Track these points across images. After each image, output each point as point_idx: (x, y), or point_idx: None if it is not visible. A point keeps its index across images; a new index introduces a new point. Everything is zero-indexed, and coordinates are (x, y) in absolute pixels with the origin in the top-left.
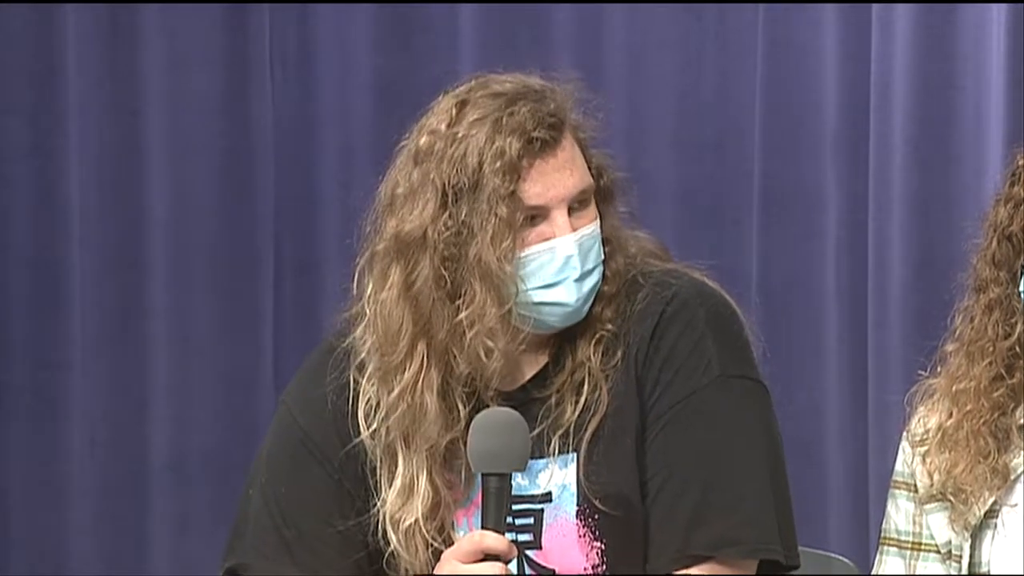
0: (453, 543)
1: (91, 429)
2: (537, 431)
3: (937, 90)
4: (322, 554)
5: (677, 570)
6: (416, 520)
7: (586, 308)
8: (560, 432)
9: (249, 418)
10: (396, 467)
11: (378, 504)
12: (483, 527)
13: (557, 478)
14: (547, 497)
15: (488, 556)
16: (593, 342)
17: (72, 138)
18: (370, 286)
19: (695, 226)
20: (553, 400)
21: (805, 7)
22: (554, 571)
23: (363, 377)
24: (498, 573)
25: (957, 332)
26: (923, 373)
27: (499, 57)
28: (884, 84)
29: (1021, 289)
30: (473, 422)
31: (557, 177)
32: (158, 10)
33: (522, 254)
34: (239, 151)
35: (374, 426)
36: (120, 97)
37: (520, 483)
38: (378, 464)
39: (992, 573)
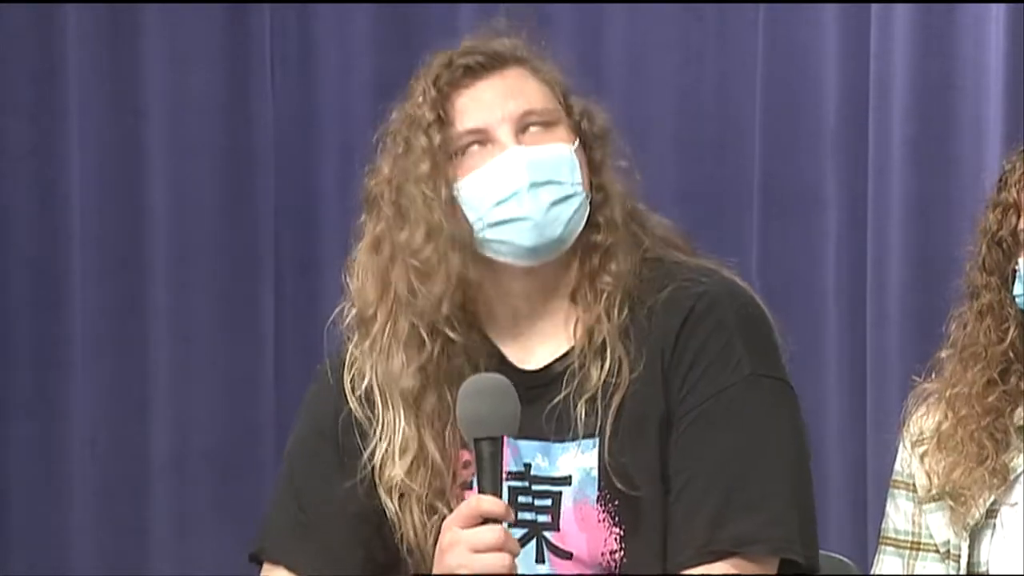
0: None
1: (91, 429)
2: (562, 395)
3: (936, 90)
4: (336, 537)
5: (699, 564)
6: (402, 480)
7: (561, 226)
8: (586, 397)
9: (249, 418)
10: (380, 425)
11: (366, 464)
12: (480, 492)
13: (578, 462)
14: (567, 480)
15: (487, 520)
16: (603, 299)
17: (72, 138)
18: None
19: (695, 226)
20: (576, 364)
21: (805, 7)
22: (571, 554)
23: (353, 346)
24: (497, 536)
25: (951, 338)
26: (918, 379)
27: None
28: (883, 84)
29: (1015, 294)
30: (460, 389)
31: (493, 99)
32: (158, 10)
33: (467, 178)
34: (239, 151)
35: (359, 391)
36: (121, 97)
37: (540, 464)
38: (367, 427)
39: (991, 573)
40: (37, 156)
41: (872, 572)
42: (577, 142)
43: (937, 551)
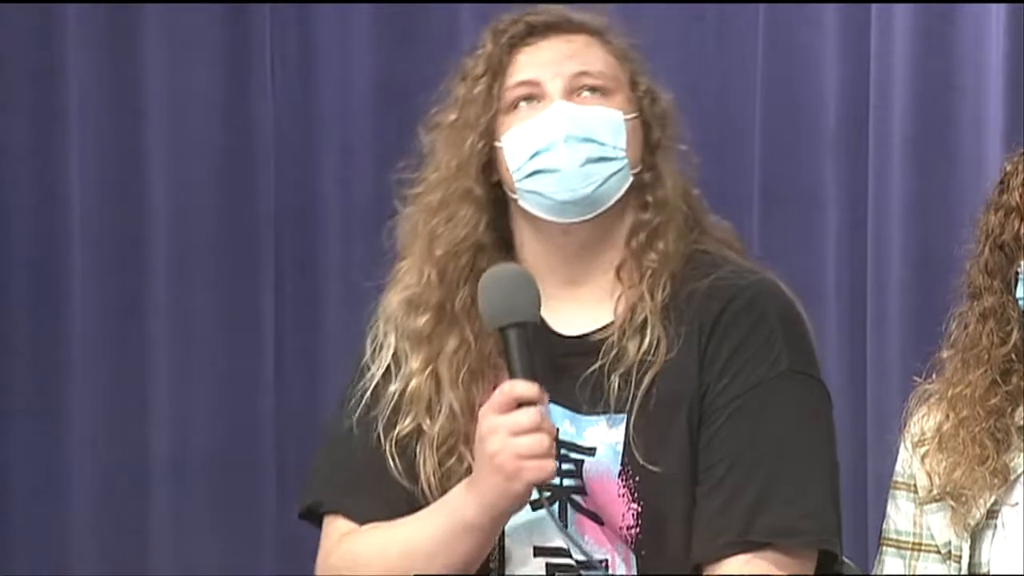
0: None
1: (91, 429)
2: (597, 366)
3: (936, 90)
4: (385, 481)
5: (736, 554)
6: (419, 424)
7: (592, 185)
8: (620, 371)
9: (250, 417)
10: (400, 369)
11: (384, 409)
12: (512, 378)
13: (606, 436)
14: (591, 451)
15: (521, 404)
16: (647, 278)
17: (73, 137)
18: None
19: None
20: (615, 338)
21: (805, 7)
22: (598, 515)
23: (387, 293)
24: (534, 418)
25: (952, 338)
26: (918, 379)
27: None
28: (884, 84)
29: (1017, 296)
30: (480, 281)
31: (551, 57)
32: (158, 10)
33: (513, 130)
34: (240, 150)
35: (384, 338)
36: (120, 97)
37: (567, 430)
38: (387, 373)
39: (992, 573)
40: (37, 156)
41: (873, 573)
42: (634, 116)
43: (938, 552)
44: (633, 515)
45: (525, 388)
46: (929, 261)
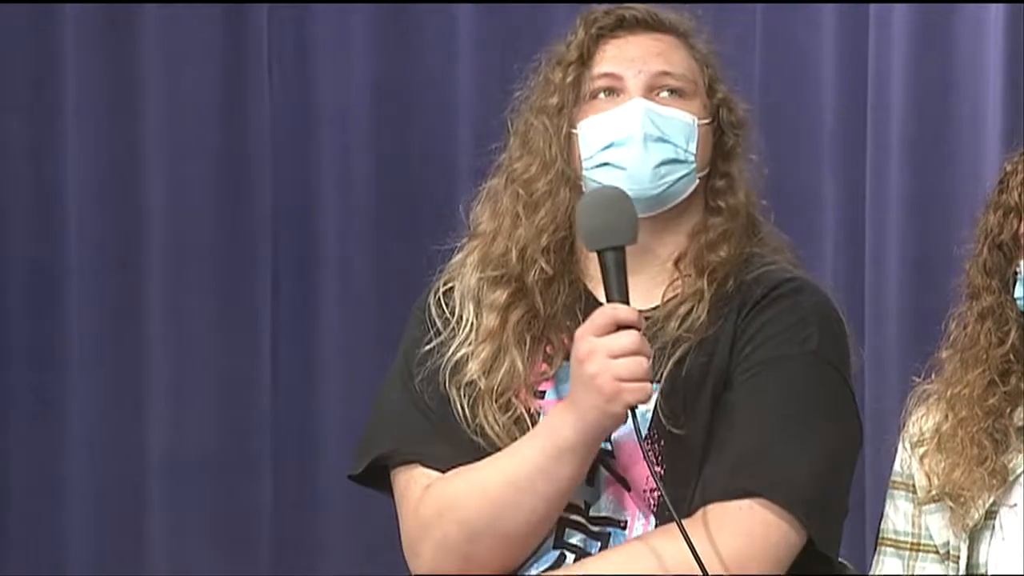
0: (522, 417)
1: (88, 430)
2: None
3: (934, 90)
4: (458, 428)
5: (714, 503)
6: (479, 376)
7: (660, 187)
8: (657, 346)
9: (246, 418)
10: (462, 325)
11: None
12: (608, 300)
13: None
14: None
15: (620, 327)
16: (705, 275)
17: (70, 138)
18: None
19: None
20: (659, 315)
21: (803, 7)
22: (626, 479)
23: (456, 257)
24: (634, 341)
25: (951, 338)
26: (917, 379)
27: (497, 57)
28: (882, 83)
29: (1015, 296)
30: (580, 202)
31: (636, 53)
32: (156, 10)
33: (590, 119)
34: (237, 151)
35: (447, 298)
36: (118, 97)
37: None
38: (446, 328)
39: (990, 574)
40: (35, 156)
41: (871, 573)
42: (709, 121)
43: (937, 552)
44: (656, 477)
45: (626, 312)
46: (927, 260)
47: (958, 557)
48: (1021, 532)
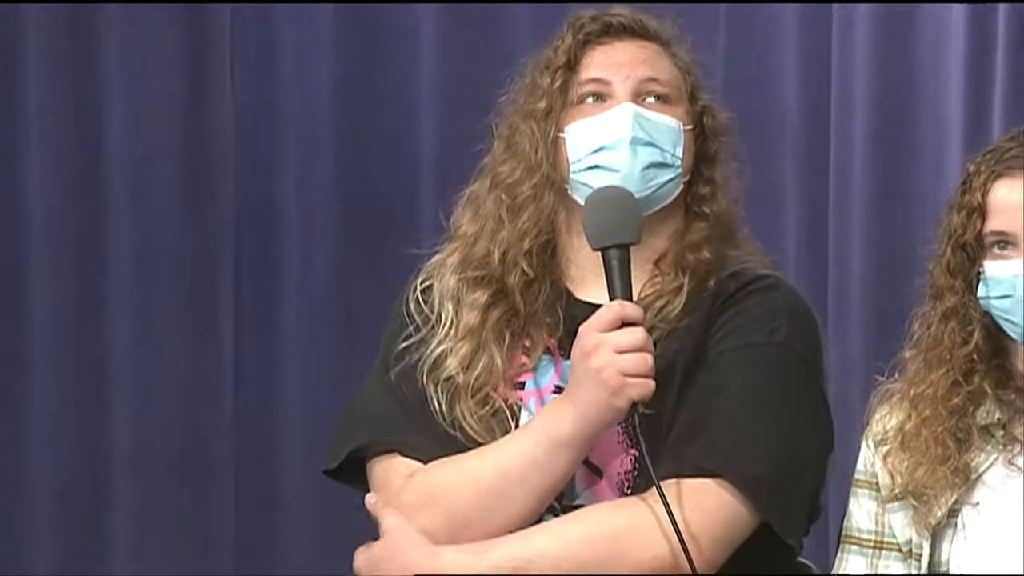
0: (498, 409)
1: (52, 428)
2: None
3: (897, 90)
4: (436, 421)
5: (672, 478)
6: (457, 372)
7: (649, 189)
8: None
9: (209, 418)
10: (441, 323)
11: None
12: (612, 298)
13: None
14: None
15: (625, 324)
16: (686, 275)
17: (33, 138)
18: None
19: None
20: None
21: (766, 7)
22: (599, 468)
23: (436, 257)
24: (639, 337)
25: (915, 338)
26: (881, 378)
27: (460, 58)
28: (845, 83)
29: (979, 296)
30: (586, 200)
31: (624, 59)
32: (118, 11)
33: (577, 124)
34: (199, 152)
35: (425, 295)
36: (81, 98)
37: None
38: (425, 325)
39: (951, 572)
40: None
41: (835, 571)
42: (692, 127)
43: (900, 550)
44: (631, 460)
45: (632, 309)
46: (890, 260)
47: (920, 555)
48: (983, 531)
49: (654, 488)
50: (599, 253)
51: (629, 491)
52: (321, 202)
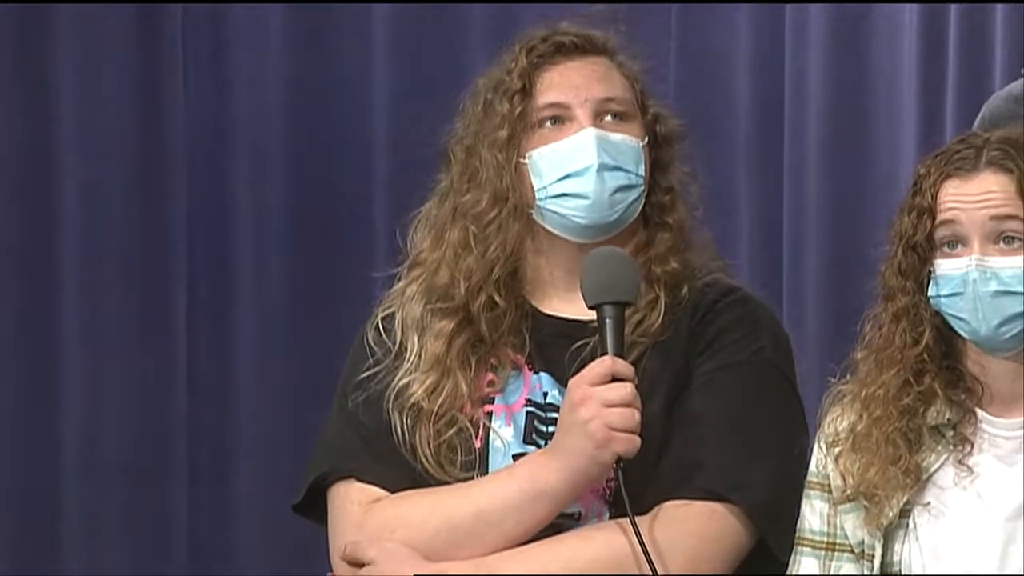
0: (465, 432)
1: (2, 432)
2: (588, 345)
3: (850, 92)
4: (396, 450)
5: (674, 500)
6: (420, 399)
7: (617, 213)
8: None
9: (162, 419)
10: (406, 351)
11: (388, 386)
12: (603, 354)
13: None
14: None
15: (614, 379)
16: (660, 283)
17: None
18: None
19: None
20: None
21: (717, 9)
22: None
23: (397, 286)
24: (627, 392)
25: (867, 339)
26: (832, 379)
27: (411, 57)
28: (798, 86)
29: (929, 295)
30: (586, 259)
31: (580, 79)
32: (70, 11)
33: (540, 150)
34: (152, 152)
35: (388, 324)
36: (32, 100)
37: (556, 395)
38: (387, 355)
39: (903, 573)
40: None
41: (789, 572)
42: (646, 139)
43: (852, 551)
44: (613, 469)
45: (622, 366)
46: (844, 262)
47: (873, 556)
48: (934, 532)
49: (655, 510)
50: (594, 309)
51: (610, 498)
52: (274, 202)
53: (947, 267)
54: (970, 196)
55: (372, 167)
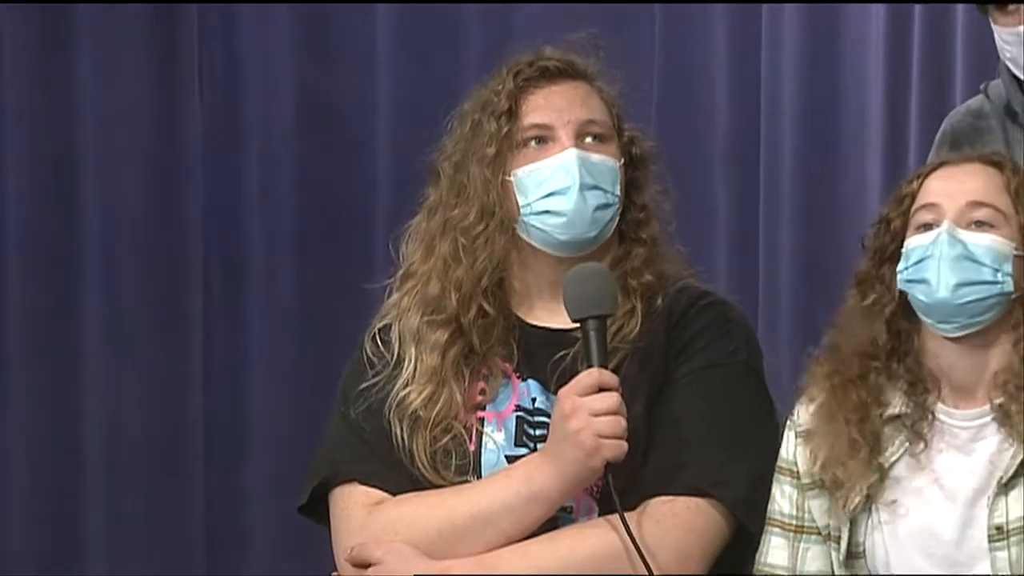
0: (464, 439)
1: (26, 429)
2: (570, 355)
3: (822, 107)
4: (396, 455)
5: (662, 496)
6: (417, 408)
7: (595, 230)
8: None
9: (179, 415)
10: (403, 361)
11: (387, 396)
12: (589, 366)
13: None
14: None
15: (601, 389)
16: (635, 294)
17: (8, 145)
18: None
19: None
20: None
21: (697, 27)
22: None
23: (392, 296)
24: (613, 402)
25: (834, 327)
26: (811, 351)
27: (413, 67)
28: (773, 102)
29: (899, 269)
30: (565, 276)
31: (563, 102)
32: (91, 25)
33: (525, 168)
34: (169, 158)
35: (385, 335)
36: (55, 107)
37: (543, 401)
38: (384, 365)
39: (867, 556)
40: None
41: (760, 552)
42: (622, 160)
43: (819, 533)
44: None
45: (608, 377)
46: (817, 269)
47: (839, 538)
48: (895, 518)
49: (643, 506)
50: (578, 323)
51: (598, 496)
52: (284, 206)
53: (918, 240)
54: (953, 184)
55: (375, 169)
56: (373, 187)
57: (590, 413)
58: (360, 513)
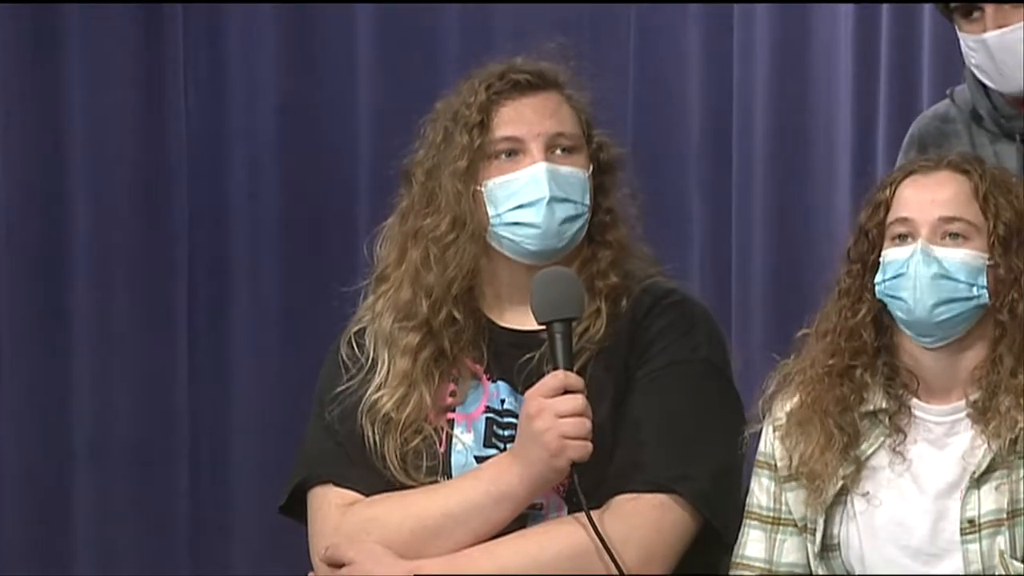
0: (435, 439)
1: (17, 424)
2: (536, 357)
3: (792, 111)
4: (369, 457)
5: (631, 493)
6: (389, 411)
7: (564, 241)
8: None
9: (165, 408)
10: (376, 365)
11: (360, 399)
12: (555, 368)
13: None
14: None
15: (566, 391)
16: (601, 295)
17: None
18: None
19: None
20: None
21: (672, 32)
22: None
23: (366, 299)
24: (578, 403)
25: (812, 323)
26: (777, 357)
27: (393, 75)
28: (745, 107)
29: (876, 281)
30: (534, 279)
31: (533, 115)
32: (80, 33)
33: (496, 180)
34: (155, 164)
35: (359, 338)
36: (43, 110)
37: (511, 402)
38: (357, 368)
39: (842, 547)
40: None
41: (738, 543)
42: (591, 168)
43: (796, 525)
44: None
45: (573, 379)
46: (786, 269)
47: (815, 530)
48: (869, 510)
49: (607, 504)
50: (544, 325)
51: (565, 494)
52: (267, 208)
53: (894, 254)
54: (925, 195)
55: (356, 175)
56: (354, 191)
57: (555, 415)
58: (334, 514)
